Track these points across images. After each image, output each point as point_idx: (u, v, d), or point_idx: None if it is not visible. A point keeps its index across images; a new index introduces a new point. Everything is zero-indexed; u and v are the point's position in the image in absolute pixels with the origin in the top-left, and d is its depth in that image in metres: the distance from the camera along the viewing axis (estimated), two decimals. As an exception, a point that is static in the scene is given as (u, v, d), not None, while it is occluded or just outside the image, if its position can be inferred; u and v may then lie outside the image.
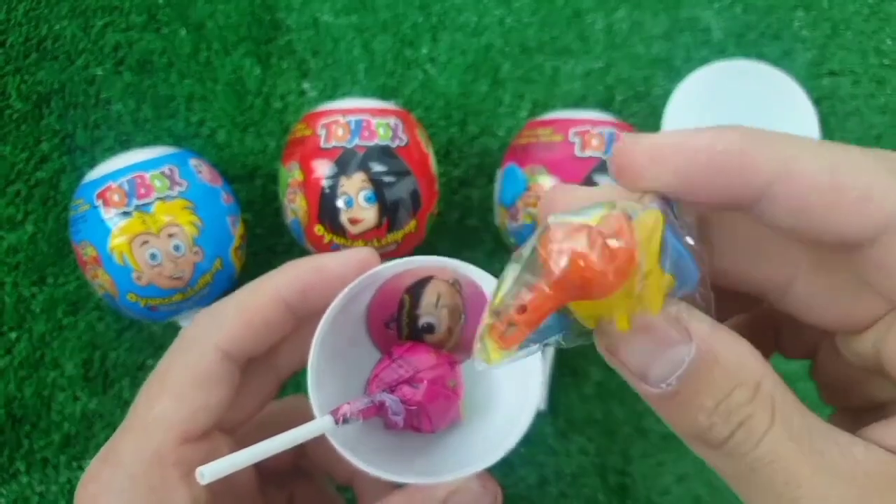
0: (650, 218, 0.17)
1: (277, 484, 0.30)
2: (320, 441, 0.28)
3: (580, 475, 0.44)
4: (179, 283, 0.38)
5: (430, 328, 0.26)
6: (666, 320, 0.17)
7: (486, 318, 0.18)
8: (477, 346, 0.18)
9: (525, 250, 0.17)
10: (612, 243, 0.16)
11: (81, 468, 0.43)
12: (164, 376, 0.23)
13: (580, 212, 0.17)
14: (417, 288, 0.25)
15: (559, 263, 0.16)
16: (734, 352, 0.17)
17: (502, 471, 0.44)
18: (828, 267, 0.18)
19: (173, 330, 0.44)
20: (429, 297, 0.25)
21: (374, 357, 0.26)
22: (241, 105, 0.48)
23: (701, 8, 0.51)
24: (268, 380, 0.27)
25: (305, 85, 0.49)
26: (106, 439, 0.43)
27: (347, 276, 0.24)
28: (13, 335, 0.44)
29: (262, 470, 0.27)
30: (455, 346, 0.26)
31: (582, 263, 0.16)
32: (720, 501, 0.45)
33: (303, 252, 0.46)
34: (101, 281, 0.38)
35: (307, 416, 0.29)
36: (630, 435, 0.45)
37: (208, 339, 0.23)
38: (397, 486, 0.24)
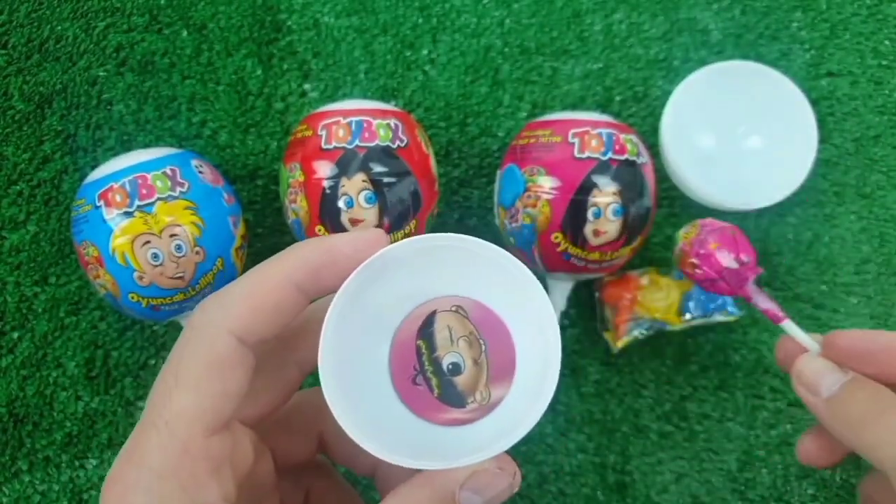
0: None
1: (294, 478, 0.30)
2: (341, 433, 0.29)
3: (579, 473, 0.45)
4: (181, 283, 0.38)
5: (456, 369, 0.25)
6: (831, 363, 0.30)
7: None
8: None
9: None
10: None
11: (84, 467, 0.43)
12: (177, 368, 0.22)
13: None
14: (426, 328, 0.25)
15: None
16: (878, 386, 0.28)
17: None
18: None
19: (175, 329, 0.45)
20: (440, 332, 0.25)
21: (386, 344, 0.26)
22: (243, 106, 0.48)
23: (699, 9, 0.51)
24: (288, 373, 0.26)
25: (306, 86, 0.49)
26: (108, 439, 0.44)
27: (358, 256, 0.23)
28: (15, 334, 0.44)
29: (279, 464, 0.27)
30: (491, 379, 0.25)
31: None
32: (718, 500, 0.45)
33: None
34: (103, 281, 0.38)
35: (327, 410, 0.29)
36: (629, 433, 0.46)
37: (218, 324, 0.22)
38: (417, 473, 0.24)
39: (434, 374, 0.25)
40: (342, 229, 0.39)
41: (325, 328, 0.23)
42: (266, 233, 0.47)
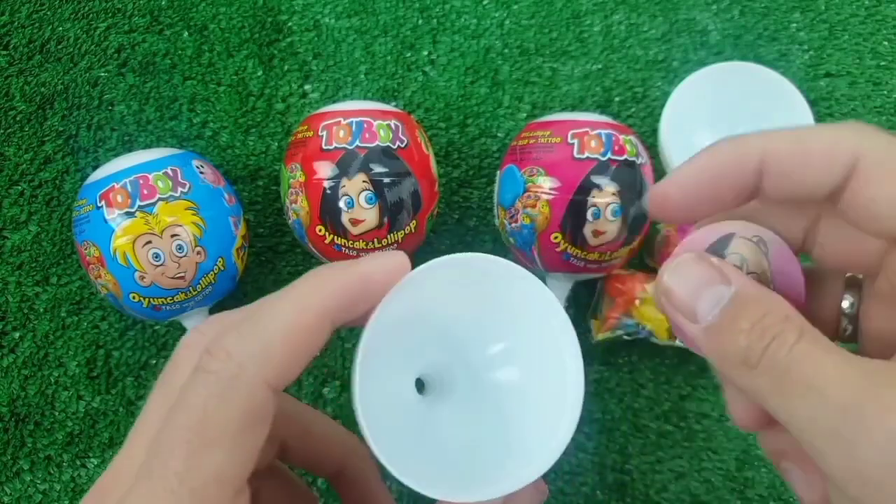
0: None
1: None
2: (303, 434, 0.27)
3: (579, 473, 0.45)
4: (182, 282, 0.38)
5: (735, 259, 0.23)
6: (710, 266, 0.21)
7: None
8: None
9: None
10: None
11: (85, 466, 0.44)
12: (202, 424, 0.19)
13: None
14: (718, 248, 0.23)
15: None
16: (765, 293, 0.21)
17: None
18: (831, 219, 0.22)
19: (176, 329, 0.45)
20: (730, 259, 0.23)
21: (415, 362, 0.25)
22: (244, 107, 0.48)
23: (698, 10, 0.51)
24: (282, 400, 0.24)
25: (307, 87, 0.49)
26: (109, 438, 0.44)
27: (389, 282, 0.22)
28: (17, 334, 0.44)
29: None
30: None
31: None
32: (717, 499, 0.45)
33: (305, 252, 0.46)
34: (105, 281, 0.38)
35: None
36: (628, 433, 0.46)
37: (255, 374, 0.20)
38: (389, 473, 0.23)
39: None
40: (343, 229, 0.39)
41: (357, 371, 0.22)
42: (267, 233, 0.47)
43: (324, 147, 0.39)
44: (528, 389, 0.25)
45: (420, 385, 0.27)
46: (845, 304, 0.24)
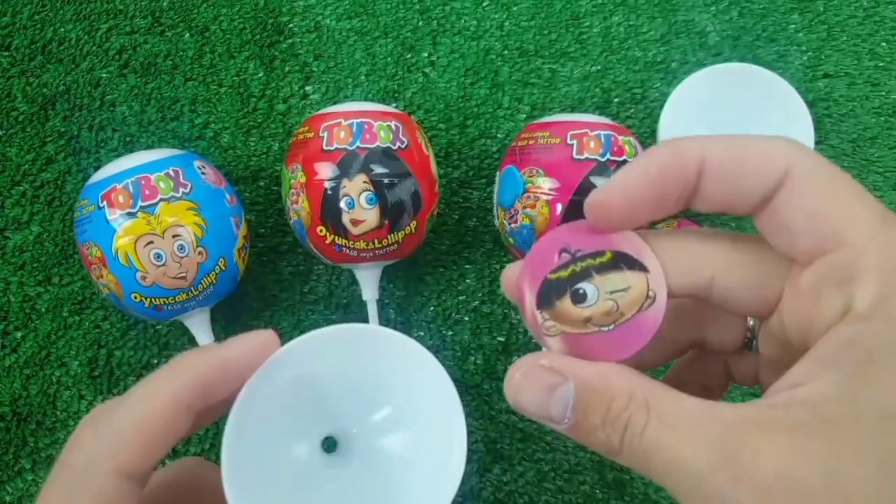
0: None
1: None
2: None
3: (578, 471, 0.45)
4: (184, 282, 0.38)
5: (581, 297, 0.22)
6: (543, 373, 0.22)
7: None
8: None
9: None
10: None
11: (86, 465, 0.44)
12: None
13: None
14: (622, 258, 0.22)
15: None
16: (603, 377, 0.21)
17: (501, 466, 0.44)
18: (737, 261, 0.22)
19: (178, 329, 0.45)
20: (617, 277, 0.22)
21: (309, 430, 0.25)
22: (245, 108, 0.48)
23: (697, 12, 0.51)
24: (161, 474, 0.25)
25: (308, 88, 0.49)
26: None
27: (251, 364, 0.23)
28: (19, 334, 0.45)
29: None
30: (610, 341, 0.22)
31: None
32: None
33: (306, 253, 0.47)
34: (107, 281, 0.39)
35: (203, 483, 0.27)
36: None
37: (104, 464, 0.21)
38: None
39: (572, 273, 0.22)
40: (343, 230, 0.39)
41: (224, 452, 0.22)
42: (268, 233, 0.47)
43: (325, 148, 0.40)
44: (414, 453, 0.25)
45: (333, 446, 0.27)
46: (750, 321, 0.25)
